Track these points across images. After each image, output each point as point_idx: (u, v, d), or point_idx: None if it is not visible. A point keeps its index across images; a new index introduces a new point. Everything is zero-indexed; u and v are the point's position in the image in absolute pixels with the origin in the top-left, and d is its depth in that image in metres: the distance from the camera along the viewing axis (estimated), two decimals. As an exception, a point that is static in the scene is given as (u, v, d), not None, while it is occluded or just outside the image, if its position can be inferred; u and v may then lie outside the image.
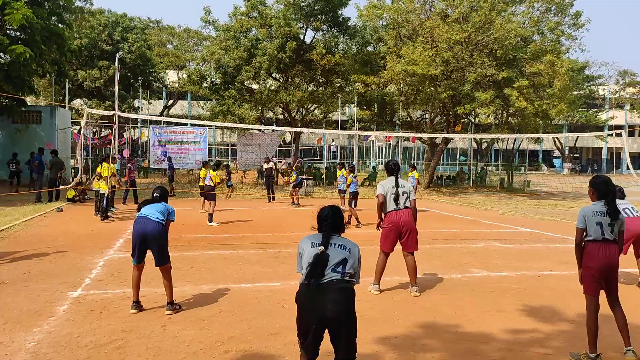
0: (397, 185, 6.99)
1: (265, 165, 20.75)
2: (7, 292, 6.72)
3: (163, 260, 6.07)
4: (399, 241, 7.09)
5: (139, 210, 6.14)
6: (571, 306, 6.50)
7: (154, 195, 6.24)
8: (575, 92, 45.58)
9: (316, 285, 3.51)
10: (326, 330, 3.61)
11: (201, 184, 15.17)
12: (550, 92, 24.22)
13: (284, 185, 26.21)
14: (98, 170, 14.31)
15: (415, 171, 17.41)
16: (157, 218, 5.99)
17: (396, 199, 6.96)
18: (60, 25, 19.22)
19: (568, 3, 24.66)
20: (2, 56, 18.33)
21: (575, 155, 63.68)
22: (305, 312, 3.57)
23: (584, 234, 4.90)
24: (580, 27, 25.40)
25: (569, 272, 8.54)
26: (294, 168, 20.10)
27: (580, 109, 48.89)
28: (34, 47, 17.38)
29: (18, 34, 18.35)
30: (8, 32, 17.80)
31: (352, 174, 14.52)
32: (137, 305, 6.07)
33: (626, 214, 7.09)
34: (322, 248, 3.59)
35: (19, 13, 16.05)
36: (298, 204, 18.66)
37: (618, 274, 4.94)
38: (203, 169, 15.12)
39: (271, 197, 20.33)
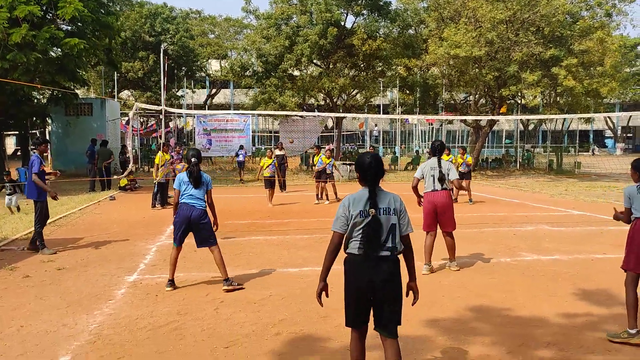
0: (437, 167, 7.22)
1: (277, 152, 18.47)
2: (68, 277, 7.07)
3: (208, 243, 6.46)
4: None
5: (190, 181, 6.41)
6: (627, 290, 6.30)
7: (192, 160, 6.47)
8: (628, 70, 43.65)
9: (367, 257, 3.52)
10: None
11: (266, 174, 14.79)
12: (600, 70, 23.28)
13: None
14: (156, 160, 14.54)
15: (467, 154, 16.47)
16: (201, 205, 6.43)
17: (433, 181, 7.23)
18: (108, 16, 19.74)
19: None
20: (55, 50, 18.97)
21: (628, 134, 61.13)
22: (354, 277, 3.57)
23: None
24: (631, 2, 24.23)
25: (623, 256, 8.26)
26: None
27: (633, 87, 46.78)
28: (85, 39, 17.96)
29: (69, 27, 18.98)
30: (60, 25, 18.43)
31: (331, 158, 15.62)
32: (172, 283, 6.48)
33: None
34: (372, 211, 3.51)
35: (71, 6, 16.63)
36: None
37: None
38: (266, 158, 15.04)
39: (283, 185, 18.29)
